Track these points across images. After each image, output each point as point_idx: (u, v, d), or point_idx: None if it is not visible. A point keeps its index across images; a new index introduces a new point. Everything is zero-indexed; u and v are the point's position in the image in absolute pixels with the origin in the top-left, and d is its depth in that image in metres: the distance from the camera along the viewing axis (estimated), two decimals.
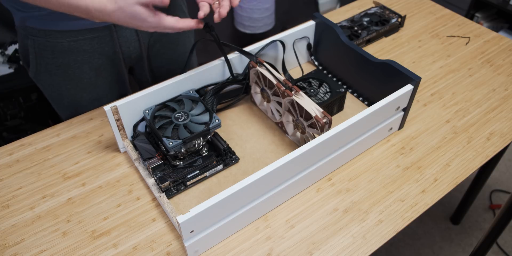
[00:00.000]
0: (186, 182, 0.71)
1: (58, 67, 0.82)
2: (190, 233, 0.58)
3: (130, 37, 0.85)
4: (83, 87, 0.87)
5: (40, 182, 0.73)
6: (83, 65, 0.84)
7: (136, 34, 0.85)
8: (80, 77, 0.85)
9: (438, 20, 1.08)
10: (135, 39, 0.86)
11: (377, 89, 0.80)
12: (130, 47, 0.87)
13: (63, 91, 0.87)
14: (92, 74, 0.86)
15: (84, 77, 0.85)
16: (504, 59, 0.97)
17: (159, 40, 0.91)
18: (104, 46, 0.83)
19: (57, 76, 0.84)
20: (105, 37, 0.81)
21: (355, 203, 0.71)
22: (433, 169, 0.76)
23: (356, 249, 0.65)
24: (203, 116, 0.72)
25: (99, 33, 0.80)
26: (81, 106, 0.89)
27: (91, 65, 0.84)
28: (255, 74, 0.79)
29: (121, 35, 0.83)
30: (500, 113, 0.85)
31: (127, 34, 0.84)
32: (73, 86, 0.86)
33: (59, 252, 0.64)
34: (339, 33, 0.82)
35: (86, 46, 0.81)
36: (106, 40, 0.82)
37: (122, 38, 0.84)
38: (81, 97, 0.88)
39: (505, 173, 1.76)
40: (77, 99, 0.88)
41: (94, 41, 0.81)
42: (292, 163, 0.63)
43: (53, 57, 0.81)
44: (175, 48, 0.95)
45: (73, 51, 0.81)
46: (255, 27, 1.93)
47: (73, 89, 0.87)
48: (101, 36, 0.81)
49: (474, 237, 1.56)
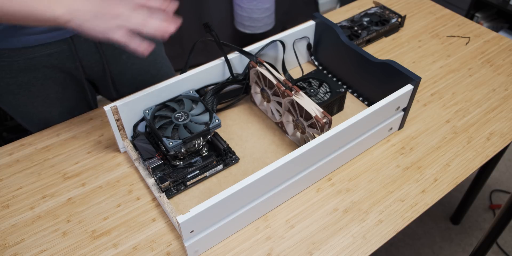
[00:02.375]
0: (186, 182, 0.71)
1: (20, 86, 0.78)
2: (190, 233, 0.58)
3: (90, 50, 0.80)
4: (51, 102, 0.83)
5: (40, 182, 0.73)
6: (46, 81, 0.79)
7: (95, 46, 0.80)
8: (45, 93, 0.81)
9: (438, 20, 1.08)
10: (95, 51, 0.80)
11: (377, 89, 0.80)
12: (91, 60, 0.82)
13: (30, 109, 0.83)
14: (58, 88, 0.82)
15: (50, 92, 0.82)
16: (504, 59, 0.97)
17: (124, 51, 0.85)
18: (64, 61, 0.78)
19: (21, 96, 0.80)
20: (64, 51, 0.77)
21: (355, 203, 0.71)
22: (433, 169, 0.76)
23: (356, 249, 0.65)
24: (203, 116, 0.72)
25: (56, 48, 0.76)
26: (51, 121, 0.86)
27: (55, 80, 0.80)
28: (255, 74, 0.79)
29: (80, 48, 0.78)
30: (500, 113, 0.85)
31: (86, 47, 0.79)
32: (40, 103, 0.82)
33: (59, 252, 0.64)
34: (339, 33, 0.82)
35: (44, 63, 0.77)
36: (65, 55, 0.77)
37: (82, 51, 0.79)
38: (50, 113, 0.85)
39: (505, 173, 1.76)
40: (46, 115, 0.85)
41: (52, 57, 0.77)
42: (292, 163, 0.63)
43: (11, 77, 0.76)
44: (143, 57, 0.90)
45: (31, 68, 0.76)
46: (255, 27, 1.93)
47: (40, 106, 0.83)
48: (59, 51, 0.76)
49: (474, 237, 1.56)
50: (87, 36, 0.58)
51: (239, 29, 1.98)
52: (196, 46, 0.81)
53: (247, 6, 1.84)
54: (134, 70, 0.90)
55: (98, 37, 0.57)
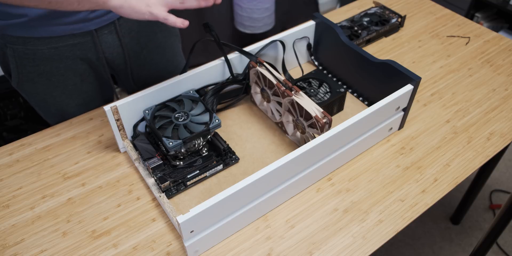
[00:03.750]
0: (186, 182, 0.71)
1: (41, 75, 0.80)
2: (190, 233, 0.58)
3: (113, 43, 0.82)
4: (69, 93, 0.85)
5: (40, 182, 0.73)
6: (67, 72, 0.81)
7: (118, 39, 0.82)
8: (65, 84, 0.83)
9: (438, 20, 1.08)
10: (117, 45, 0.83)
11: (377, 89, 0.80)
12: (114, 53, 0.84)
13: (49, 99, 0.85)
14: (77, 80, 0.84)
15: (69, 83, 0.83)
16: (504, 59, 0.97)
17: (146, 46, 0.88)
18: (86, 53, 0.80)
19: (40, 84, 0.82)
20: (87, 43, 0.79)
21: (355, 203, 0.71)
22: (433, 169, 0.76)
23: (356, 249, 0.65)
24: (203, 116, 0.72)
25: (80, 39, 0.78)
26: (68, 112, 0.87)
27: (75, 71, 0.82)
28: (255, 74, 0.79)
29: (103, 41, 0.81)
30: (500, 113, 0.85)
31: (109, 39, 0.81)
32: (58, 93, 0.84)
33: (59, 252, 0.64)
34: (339, 33, 0.82)
35: (67, 53, 0.79)
36: (88, 46, 0.80)
37: (105, 44, 0.81)
38: (68, 104, 0.86)
39: (505, 173, 1.76)
40: (64, 106, 0.86)
41: (76, 48, 0.79)
42: (292, 163, 0.63)
43: (34, 65, 0.78)
44: (162, 52, 0.93)
45: (54, 58, 0.78)
46: (255, 27, 1.93)
47: (58, 97, 0.84)
48: (82, 42, 0.78)
49: (474, 237, 1.56)
50: (127, 16, 0.60)
51: (239, 29, 1.98)
52: (196, 46, 0.81)
53: (247, 6, 1.84)
54: (153, 65, 0.93)
55: (138, 15, 0.59)
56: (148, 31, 0.87)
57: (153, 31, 0.88)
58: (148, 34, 0.88)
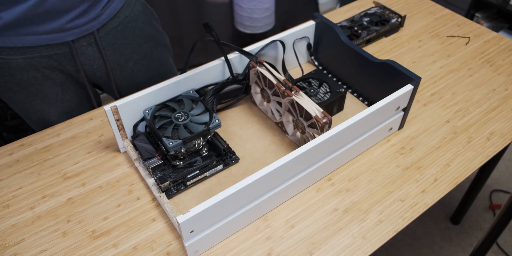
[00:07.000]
0: (186, 182, 0.71)
1: (18, 84, 0.78)
2: (190, 233, 0.58)
3: (93, 55, 0.80)
4: (49, 102, 0.83)
5: (40, 182, 0.73)
6: (45, 81, 0.79)
7: (99, 51, 0.80)
8: (44, 93, 0.81)
9: (438, 20, 1.08)
10: (98, 57, 0.80)
11: (377, 89, 0.80)
12: (94, 65, 0.81)
13: (29, 108, 0.83)
14: (57, 89, 0.81)
15: (49, 92, 0.81)
16: (504, 59, 0.97)
17: (131, 58, 0.86)
18: (65, 64, 0.78)
19: (19, 93, 0.79)
20: (65, 54, 0.77)
21: (355, 203, 0.71)
22: (433, 169, 0.76)
23: (356, 249, 0.65)
24: (203, 116, 0.72)
25: (56, 50, 0.75)
26: (50, 121, 0.86)
27: (54, 80, 0.80)
28: (255, 74, 0.79)
29: (82, 53, 0.78)
30: (500, 113, 0.85)
31: (89, 51, 0.79)
32: (38, 102, 0.82)
33: (59, 252, 0.64)
34: (339, 33, 0.82)
35: (44, 64, 0.76)
36: (66, 57, 0.77)
37: (84, 56, 0.79)
38: (49, 112, 0.84)
39: (505, 173, 1.76)
40: (44, 114, 0.84)
41: (52, 59, 0.76)
42: (292, 163, 0.63)
43: (10, 74, 0.76)
44: (148, 64, 0.90)
45: (30, 68, 0.76)
46: (255, 27, 1.93)
47: (38, 105, 0.82)
48: (59, 54, 0.76)
49: (474, 237, 1.56)
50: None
51: (239, 29, 1.98)
52: (196, 46, 0.81)
53: (247, 6, 1.84)
54: (139, 77, 0.90)
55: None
56: (133, 43, 0.85)
57: (137, 43, 0.86)
58: (133, 46, 0.85)
